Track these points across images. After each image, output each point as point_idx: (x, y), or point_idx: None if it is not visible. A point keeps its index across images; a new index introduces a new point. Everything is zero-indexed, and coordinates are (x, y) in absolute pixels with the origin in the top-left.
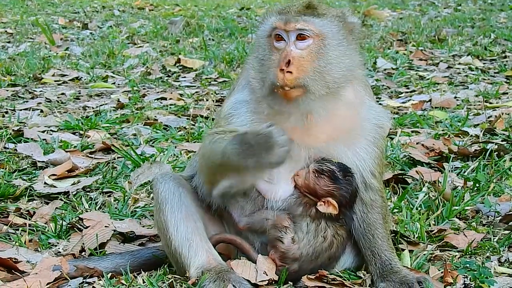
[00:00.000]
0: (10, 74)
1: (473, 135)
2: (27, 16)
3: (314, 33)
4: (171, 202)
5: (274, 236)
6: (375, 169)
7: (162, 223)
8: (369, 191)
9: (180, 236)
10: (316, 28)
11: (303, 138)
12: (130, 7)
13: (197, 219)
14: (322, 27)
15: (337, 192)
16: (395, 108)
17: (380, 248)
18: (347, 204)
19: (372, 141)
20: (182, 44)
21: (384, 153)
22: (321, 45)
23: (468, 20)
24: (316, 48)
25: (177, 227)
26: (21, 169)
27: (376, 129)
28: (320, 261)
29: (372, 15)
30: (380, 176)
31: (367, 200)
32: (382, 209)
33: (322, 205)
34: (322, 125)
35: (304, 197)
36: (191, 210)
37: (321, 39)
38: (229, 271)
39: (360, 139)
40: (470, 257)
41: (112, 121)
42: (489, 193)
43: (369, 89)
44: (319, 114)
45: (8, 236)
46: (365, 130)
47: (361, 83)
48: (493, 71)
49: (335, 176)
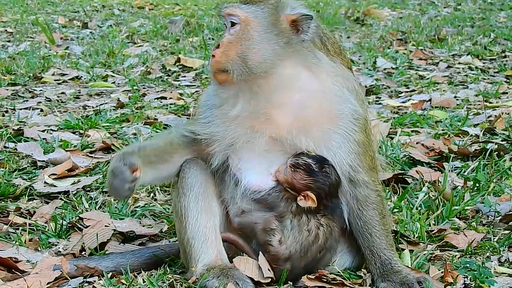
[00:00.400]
0: (10, 73)
1: (473, 134)
2: (27, 15)
3: (241, 18)
4: (197, 191)
5: (264, 240)
6: (358, 164)
7: (182, 209)
8: (359, 187)
9: (198, 228)
10: (243, 14)
11: (264, 127)
12: (130, 6)
13: (217, 214)
14: (248, 13)
15: (314, 185)
16: (395, 107)
17: (378, 247)
18: (327, 196)
19: (347, 135)
20: (182, 43)
21: (371, 146)
22: (245, 30)
23: (468, 19)
24: (241, 33)
25: (197, 218)
26: (21, 168)
27: (351, 122)
28: (310, 256)
29: (372, 14)
30: (371, 170)
31: (360, 196)
32: (377, 205)
33: (302, 200)
34: (279, 113)
35: (286, 192)
36: (214, 204)
37: (246, 25)
38: (232, 268)
39: (332, 134)
40: (470, 257)
41: (112, 121)
42: (489, 193)
43: (348, 82)
44: (259, 100)
45: (8, 235)
46: (339, 124)
47: (329, 73)
48: (493, 71)
49: (311, 169)
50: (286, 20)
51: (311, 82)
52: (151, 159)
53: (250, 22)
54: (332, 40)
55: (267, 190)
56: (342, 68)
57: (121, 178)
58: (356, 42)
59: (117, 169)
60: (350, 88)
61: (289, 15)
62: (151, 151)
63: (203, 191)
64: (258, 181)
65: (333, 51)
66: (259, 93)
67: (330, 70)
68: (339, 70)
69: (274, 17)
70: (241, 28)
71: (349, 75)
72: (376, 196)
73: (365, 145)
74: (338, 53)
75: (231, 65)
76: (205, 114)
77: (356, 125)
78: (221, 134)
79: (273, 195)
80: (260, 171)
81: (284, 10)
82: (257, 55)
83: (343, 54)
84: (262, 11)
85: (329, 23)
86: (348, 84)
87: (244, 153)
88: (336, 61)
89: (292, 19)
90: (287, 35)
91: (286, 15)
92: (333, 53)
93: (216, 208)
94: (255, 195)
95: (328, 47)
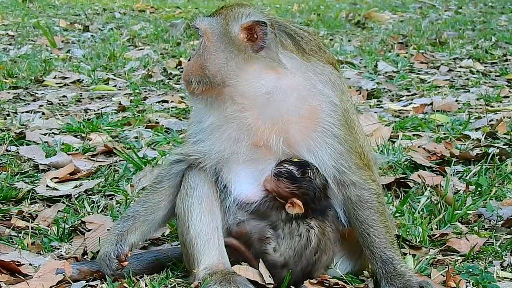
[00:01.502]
0: (12, 77)
1: (474, 138)
2: (28, 18)
3: (201, 31)
4: (200, 191)
5: (260, 250)
6: (342, 165)
7: (185, 209)
8: (348, 188)
9: (201, 228)
10: (203, 26)
11: (243, 135)
12: (131, 10)
13: (219, 216)
14: (207, 26)
15: (299, 191)
16: (396, 111)
17: (378, 246)
18: (314, 200)
19: (325, 131)
20: (183, 46)
21: (357, 141)
22: (205, 42)
23: (469, 23)
24: (203, 45)
25: (200, 218)
26: (23, 171)
27: (328, 115)
28: (305, 259)
29: (372, 17)
30: (360, 169)
31: (352, 197)
32: (372, 204)
33: (289, 207)
34: (252, 118)
35: (276, 201)
36: (216, 206)
37: (206, 37)
38: (235, 274)
39: (311, 132)
40: (473, 262)
41: (114, 124)
42: (491, 197)
43: (322, 75)
44: (227, 107)
45: (10, 239)
46: (315, 120)
47: (299, 71)
48: (494, 74)
49: (293, 176)
50: (240, 28)
51: (279, 83)
52: (142, 229)
53: (208, 34)
54: (306, 39)
55: (258, 201)
56: (317, 65)
57: (109, 266)
58: (357, 45)
59: (106, 257)
60: (323, 80)
61: (242, 24)
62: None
63: (206, 192)
64: (248, 192)
65: (309, 49)
66: (226, 101)
67: (300, 68)
68: (310, 66)
69: (228, 27)
70: (203, 40)
71: (323, 69)
72: (369, 195)
73: (348, 141)
74: (315, 50)
75: (193, 77)
76: (190, 132)
77: (333, 117)
78: (206, 148)
79: (263, 204)
80: (250, 182)
81: (238, 19)
82: (213, 65)
83: (323, 50)
84: (217, 22)
85: (330, 26)
86: (321, 77)
87: (232, 165)
88: (312, 59)
89: (245, 27)
90: (243, 44)
91: (240, 25)
92: (309, 51)
93: (218, 211)
94: (247, 207)
95: (303, 46)
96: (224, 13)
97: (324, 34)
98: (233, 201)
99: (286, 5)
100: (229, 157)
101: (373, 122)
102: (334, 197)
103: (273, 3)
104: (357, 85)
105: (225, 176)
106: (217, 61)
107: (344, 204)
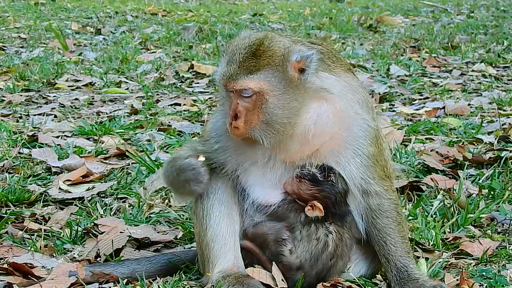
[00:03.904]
0: (24, 79)
1: (487, 142)
2: (40, 21)
3: (254, 91)
4: (221, 194)
5: (276, 251)
6: (368, 176)
7: (204, 211)
8: (371, 197)
9: (219, 231)
10: (255, 86)
11: (277, 154)
12: (143, 13)
13: (237, 221)
14: (260, 84)
15: (320, 194)
16: (408, 115)
17: (394, 255)
18: (335, 205)
19: (357, 150)
20: (195, 49)
21: (382, 155)
22: (263, 99)
23: (481, 27)
24: (259, 102)
25: (219, 221)
26: (35, 174)
27: (362, 137)
28: (321, 263)
29: (384, 21)
30: (383, 180)
31: (373, 205)
32: (391, 213)
33: (309, 210)
34: (293, 144)
35: (295, 203)
36: (235, 211)
37: (262, 94)
38: (248, 277)
39: (343, 151)
40: (486, 265)
41: (126, 127)
42: (504, 201)
43: (358, 94)
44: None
45: (23, 241)
46: (350, 142)
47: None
48: (506, 78)
49: (316, 179)
50: (293, 68)
51: (324, 112)
52: None
53: (266, 90)
54: (327, 55)
55: (277, 204)
56: (347, 80)
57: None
58: (369, 49)
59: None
60: (360, 101)
61: (295, 63)
62: None
63: (227, 196)
64: (266, 195)
65: (331, 61)
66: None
67: (339, 90)
68: (346, 84)
69: (284, 74)
70: (258, 97)
71: (356, 86)
72: (389, 204)
73: (375, 156)
74: (335, 61)
75: (258, 133)
76: (214, 140)
77: (367, 139)
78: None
79: (282, 207)
80: (269, 185)
81: (289, 60)
82: (282, 117)
83: (339, 58)
84: (273, 76)
85: (342, 30)
86: (357, 96)
87: (251, 167)
88: (339, 73)
89: (299, 67)
90: (296, 82)
91: (292, 64)
92: (331, 63)
93: (236, 216)
94: (265, 210)
95: (327, 62)
96: (270, 62)
97: (336, 37)
98: (251, 203)
99: (298, 8)
100: (251, 165)
101: (385, 126)
102: (354, 204)
103: (285, 7)
104: (369, 88)
105: (243, 179)
106: (286, 112)
107: (364, 212)
